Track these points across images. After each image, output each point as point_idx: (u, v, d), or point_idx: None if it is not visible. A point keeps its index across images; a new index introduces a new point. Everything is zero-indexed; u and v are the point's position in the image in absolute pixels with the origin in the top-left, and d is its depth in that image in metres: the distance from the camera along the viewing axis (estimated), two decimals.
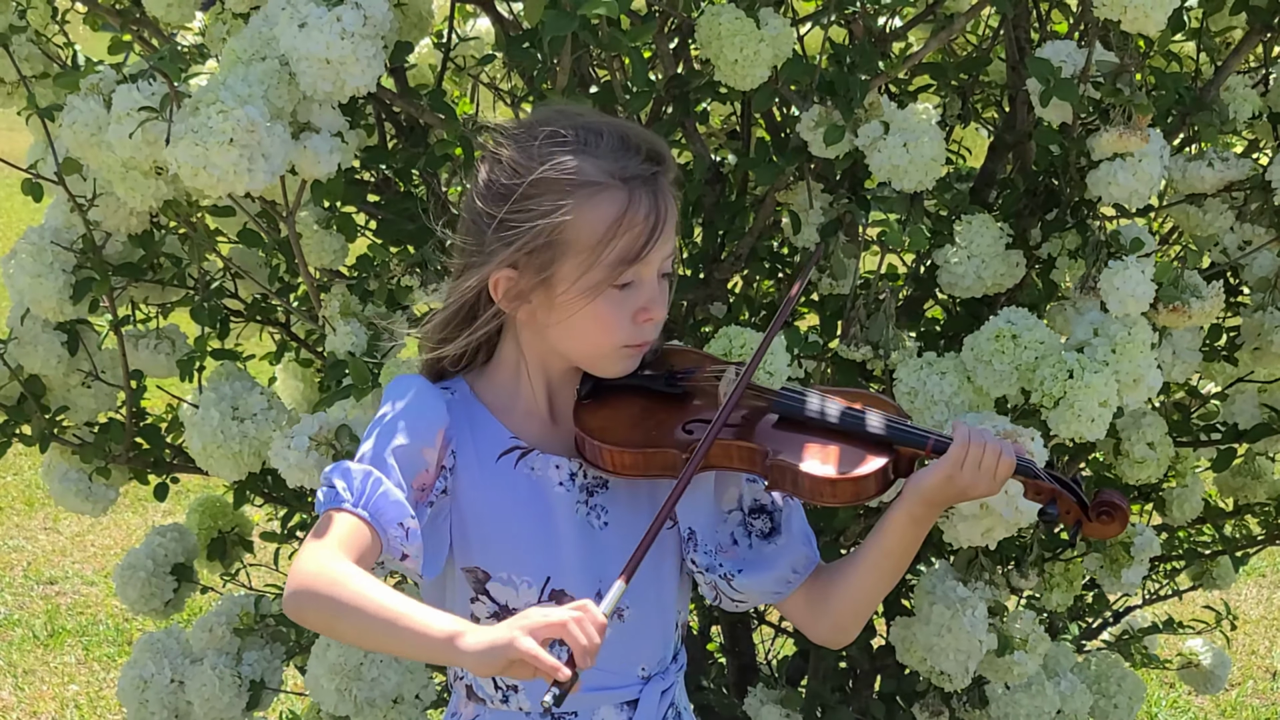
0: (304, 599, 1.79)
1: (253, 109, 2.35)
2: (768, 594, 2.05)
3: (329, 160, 2.48)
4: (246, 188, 2.37)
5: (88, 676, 5.15)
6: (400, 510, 1.87)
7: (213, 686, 2.95)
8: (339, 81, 2.42)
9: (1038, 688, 2.87)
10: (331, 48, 2.38)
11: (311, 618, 1.82)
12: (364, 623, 1.75)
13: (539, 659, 1.66)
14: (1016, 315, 2.58)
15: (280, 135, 2.39)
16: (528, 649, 1.66)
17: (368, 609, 1.75)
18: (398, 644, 1.77)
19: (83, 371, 3.00)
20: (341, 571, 1.79)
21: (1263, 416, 3.10)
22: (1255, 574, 5.94)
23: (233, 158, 2.33)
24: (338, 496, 1.86)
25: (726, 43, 2.55)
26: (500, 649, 1.67)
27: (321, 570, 1.79)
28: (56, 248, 2.83)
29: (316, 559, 1.81)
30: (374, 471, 1.87)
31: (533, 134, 1.93)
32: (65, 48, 3.14)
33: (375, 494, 1.86)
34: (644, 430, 1.96)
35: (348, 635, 1.82)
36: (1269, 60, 3.02)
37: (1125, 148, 2.55)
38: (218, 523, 3.29)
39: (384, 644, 1.81)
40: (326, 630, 1.91)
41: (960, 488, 1.91)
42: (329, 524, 1.84)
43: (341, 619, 1.77)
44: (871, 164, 2.60)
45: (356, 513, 1.84)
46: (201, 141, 2.33)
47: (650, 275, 1.93)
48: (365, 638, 1.80)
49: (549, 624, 1.69)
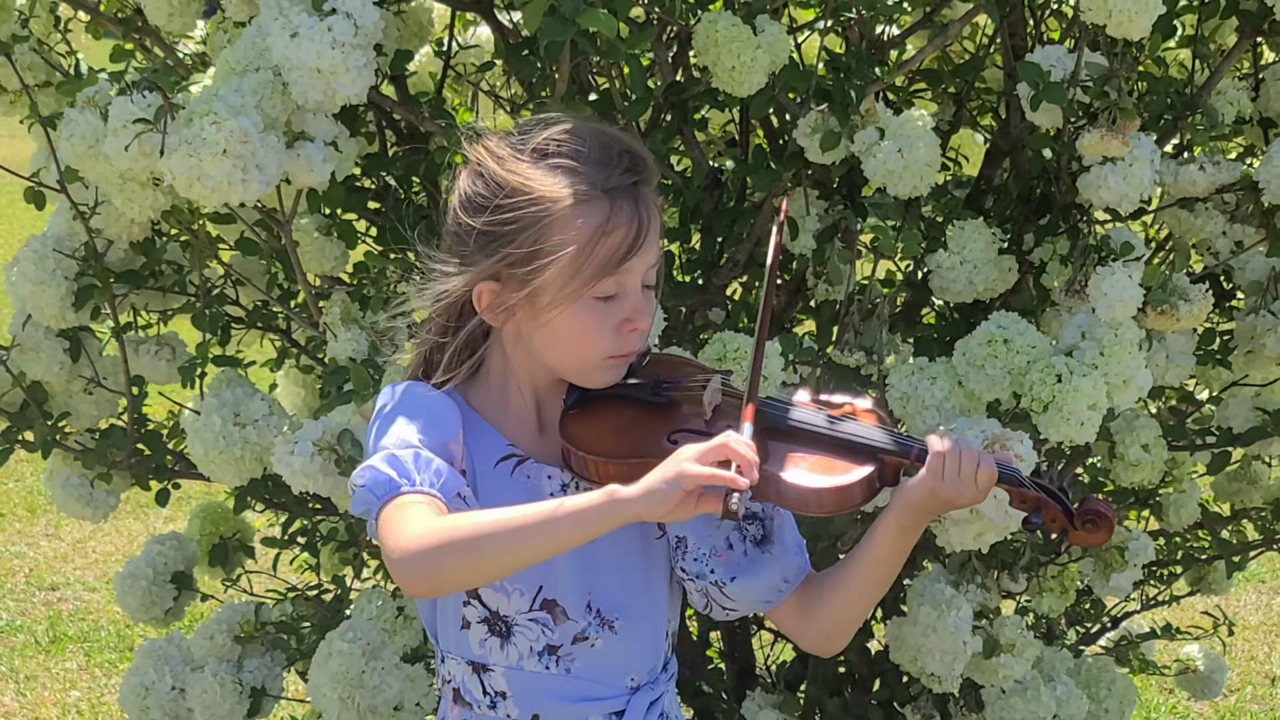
0: (438, 555, 1.74)
1: (245, 119, 2.36)
2: (759, 602, 2.05)
3: (322, 169, 2.49)
4: (241, 198, 2.38)
5: (89, 682, 5.16)
6: (457, 480, 1.85)
7: (214, 693, 2.97)
8: (330, 91, 2.43)
9: (1033, 691, 2.88)
10: (322, 57, 2.39)
11: (451, 569, 1.76)
12: (514, 536, 1.72)
13: (716, 475, 1.70)
14: (1008, 320, 2.59)
15: (274, 145, 2.41)
16: (703, 472, 1.70)
17: (510, 523, 1.73)
18: (560, 535, 1.73)
19: (84, 378, 3.02)
20: (458, 518, 1.76)
21: (1257, 420, 3.11)
22: (1254, 580, 5.95)
23: (226, 168, 2.35)
24: (394, 483, 1.81)
25: (723, 49, 2.56)
26: (672, 480, 1.70)
27: (439, 526, 1.76)
28: (59, 255, 2.84)
29: (422, 525, 1.76)
30: (421, 450, 1.85)
31: (513, 145, 1.93)
32: (68, 56, 3.15)
33: (430, 469, 1.83)
34: (629, 440, 1.96)
35: (499, 560, 1.75)
36: (1257, 64, 3.04)
37: (1107, 151, 2.57)
38: (219, 528, 3.30)
39: (544, 544, 1.74)
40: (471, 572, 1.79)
41: (944, 497, 1.91)
42: (404, 509, 1.80)
43: (486, 547, 1.73)
44: (867, 169, 2.62)
45: (422, 490, 1.81)
46: (195, 153, 2.35)
47: (634, 285, 1.93)
48: (523, 550, 1.74)
49: (709, 448, 1.72)
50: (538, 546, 1.75)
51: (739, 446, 1.73)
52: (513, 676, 1.99)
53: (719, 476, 1.70)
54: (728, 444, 1.73)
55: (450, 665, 2.04)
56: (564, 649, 1.98)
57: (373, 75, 2.47)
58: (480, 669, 2.00)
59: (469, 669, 2.01)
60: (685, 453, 1.73)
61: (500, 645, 1.99)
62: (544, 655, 1.98)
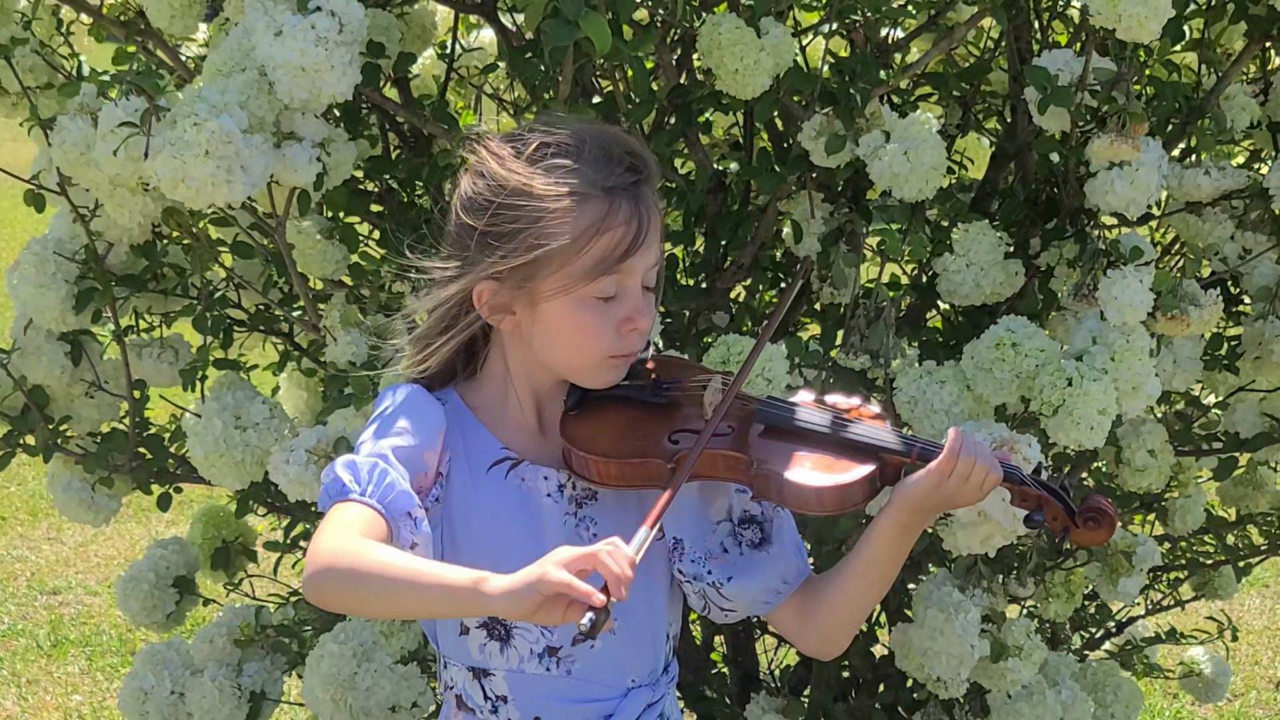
0: (324, 577, 1.77)
1: (227, 119, 2.35)
2: (757, 604, 2.04)
3: (307, 170, 2.48)
4: (226, 199, 2.37)
5: (91, 686, 5.15)
6: (408, 500, 1.86)
7: (213, 698, 2.95)
8: (315, 89, 2.42)
9: (1039, 696, 2.87)
10: (306, 55, 2.38)
11: (334, 594, 1.78)
12: (387, 587, 1.73)
13: (572, 585, 1.64)
14: (1016, 323, 2.58)
15: (259, 146, 2.40)
16: (561, 579, 1.64)
17: (388, 573, 1.72)
18: (424, 601, 1.74)
19: (86, 382, 3.00)
20: (361, 545, 1.77)
21: (1264, 426, 3.10)
22: (1259, 585, 5.93)
23: (209, 169, 2.34)
24: (345, 488, 1.84)
25: (727, 52, 2.55)
26: (531, 584, 1.65)
27: (340, 548, 1.77)
28: (59, 258, 2.83)
29: (333, 540, 1.79)
30: (380, 463, 1.86)
31: (514, 146, 1.94)
32: (70, 59, 3.14)
33: (383, 483, 1.85)
34: (630, 441, 1.95)
35: (373, 603, 1.79)
36: (1266, 69, 3.03)
37: (1117, 156, 2.56)
38: (221, 532, 3.29)
39: (410, 604, 1.77)
40: (351, 604, 1.86)
41: (945, 496, 1.91)
42: (339, 515, 1.83)
43: (364, 587, 1.74)
44: (872, 173, 2.60)
45: (366, 502, 1.83)
46: (178, 154, 2.33)
47: (634, 285, 1.93)
48: (391, 602, 1.76)
49: (579, 556, 1.67)
50: (404, 604, 1.77)
51: (608, 560, 1.66)
52: (514, 680, 1.99)
53: (573, 588, 1.64)
54: (596, 554, 1.67)
55: (452, 672, 2.04)
56: (564, 650, 1.98)
57: (358, 73, 2.46)
58: (481, 674, 2.01)
59: (470, 675, 2.01)
60: (555, 555, 1.68)
61: (500, 649, 1.99)
62: (544, 657, 1.98)
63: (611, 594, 1.65)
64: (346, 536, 1.79)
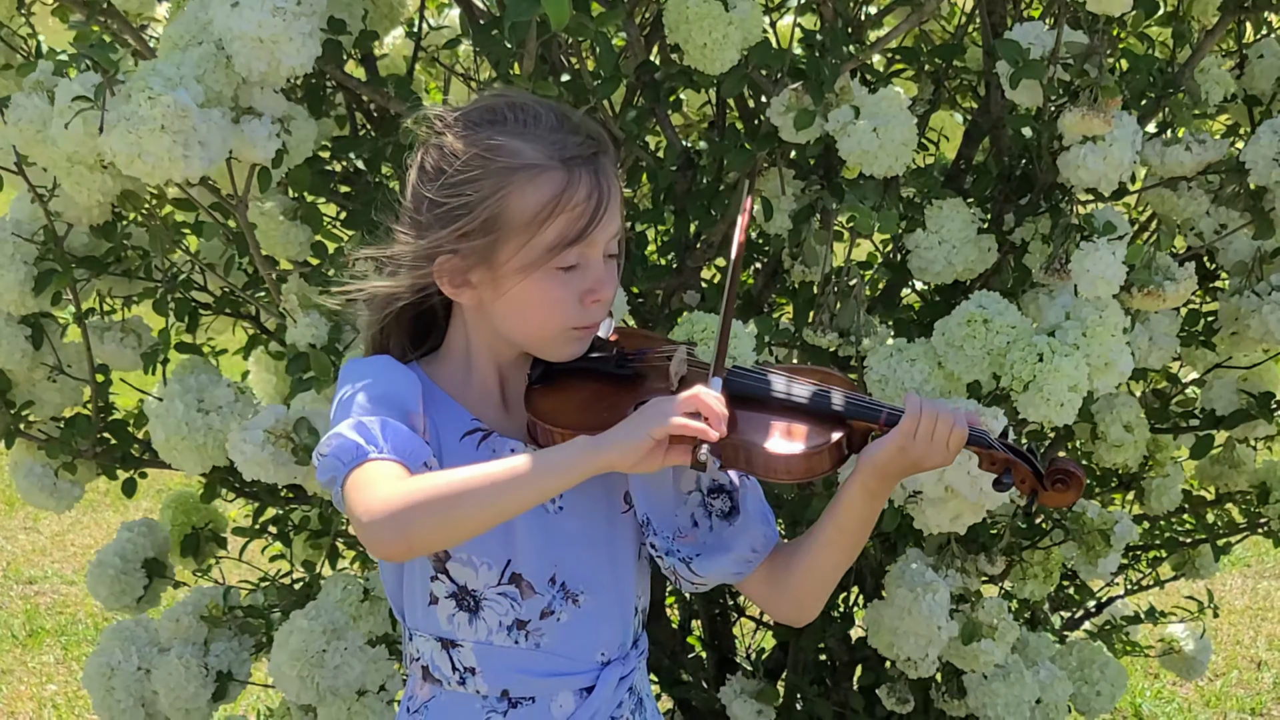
0: (409, 516, 1.74)
1: (183, 93, 2.31)
2: (728, 575, 2.03)
3: (267, 146, 2.44)
4: (184, 175, 2.33)
5: (66, 676, 5.12)
6: (424, 448, 1.84)
7: (179, 676, 2.92)
8: (274, 61, 2.38)
9: (1016, 676, 2.85)
10: (264, 26, 2.34)
11: (424, 526, 1.75)
12: (489, 490, 1.73)
13: (687, 425, 1.72)
14: (988, 299, 2.56)
15: (217, 121, 2.36)
16: (673, 420, 1.72)
17: (485, 478, 1.74)
18: (534, 486, 1.75)
19: (48, 366, 2.96)
20: (422, 478, 1.77)
21: (1241, 402, 3.08)
22: (1240, 564, 5.93)
23: (165, 144, 2.30)
24: (361, 449, 1.80)
25: (694, 26, 2.52)
26: (643, 431, 1.73)
27: (407, 488, 1.75)
28: (18, 239, 2.79)
29: (391, 488, 1.76)
30: (388, 418, 1.83)
31: (471, 118, 1.91)
32: (29, 38, 3.10)
33: (399, 437, 1.82)
34: (596, 413, 1.93)
35: (475, 516, 1.75)
36: (1241, 42, 3.00)
37: (1089, 130, 2.53)
38: (191, 519, 3.26)
39: (518, 496, 1.75)
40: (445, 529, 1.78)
41: (913, 459, 1.89)
42: (372, 472, 1.78)
43: (461, 504, 1.73)
44: (841, 149, 2.57)
45: (388, 458, 1.80)
46: (133, 129, 2.29)
47: (596, 256, 1.90)
48: (497, 503, 1.74)
49: (682, 399, 1.75)
50: (512, 499, 1.76)
51: (709, 399, 1.75)
52: (482, 652, 1.97)
53: (689, 427, 1.73)
54: (698, 396, 1.75)
55: (418, 643, 2.01)
56: (532, 624, 1.97)
57: (318, 45, 2.42)
58: (449, 645, 1.98)
59: (437, 645, 1.99)
60: (659, 404, 1.75)
61: (469, 620, 1.97)
62: (513, 630, 1.96)
63: (715, 430, 1.74)
64: (399, 482, 1.77)
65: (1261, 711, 4.88)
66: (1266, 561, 5.99)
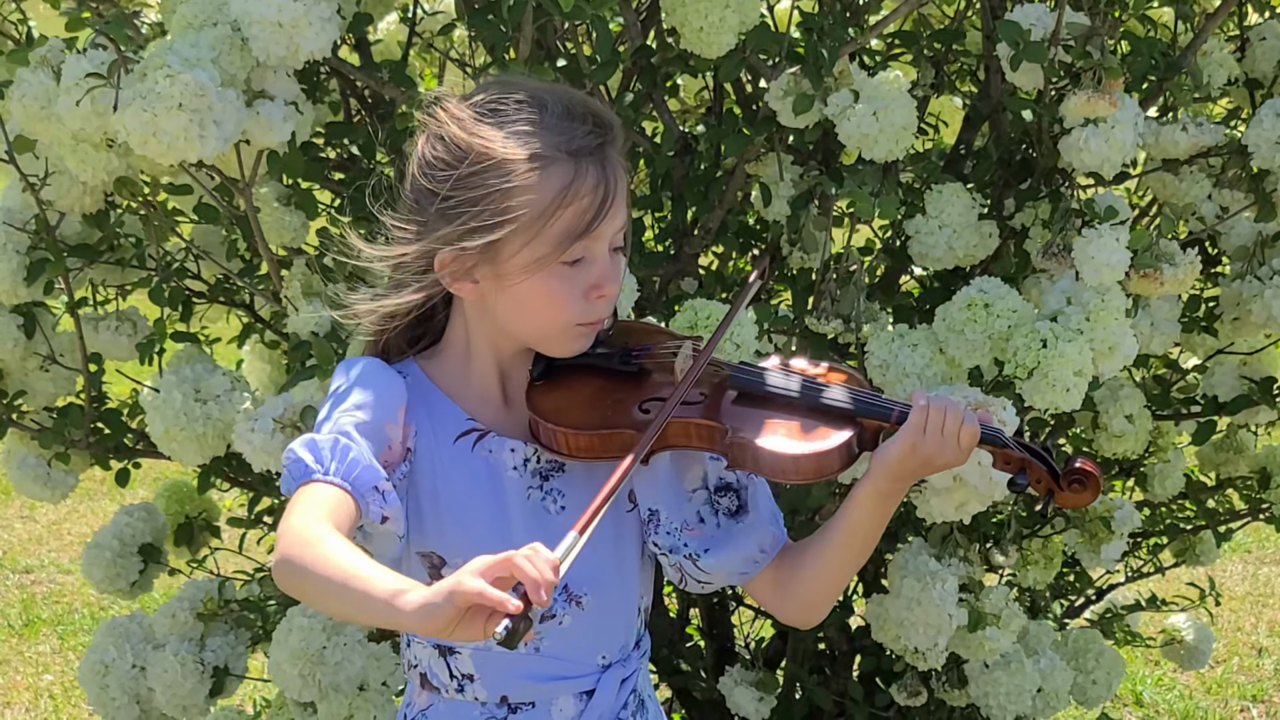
0: (281, 566, 1.71)
1: (201, 72, 2.28)
2: (734, 574, 1.99)
3: (281, 128, 2.42)
4: (199, 154, 2.30)
5: (62, 666, 5.10)
6: (374, 474, 1.80)
7: (174, 673, 2.90)
8: (293, 45, 2.36)
9: (1017, 665, 2.83)
10: (284, 10, 2.32)
11: (289, 584, 1.72)
12: (323, 585, 1.66)
13: (484, 594, 1.54)
14: (989, 284, 2.53)
15: (232, 101, 2.33)
16: (474, 588, 1.54)
17: (327, 571, 1.66)
18: (350, 607, 1.65)
19: (40, 355, 2.94)
20: (315, 534, 1.70)
21: (1243, 388, 3.06)
22: (1240, 550, 5.92)
23: (182, 123, 2.27)
24: (308, 469, 1.78)
25: (691, 9, 2.50)
26: (444, 597, 1.55)
27: (297, 537, 1.71)
28: (9, 228, 2.77)
29: (295, 527, 1.72)
30: (341, 439, 1.80)
31: (474, 108, 1.86)
32: (19, 24, 3.07)
33: (346, 459, 1.79)
34: (599, 411, 1.90)
35: (315, 600, 1.72)
36: (1243, 25, 2.98)
37: (1094, 112, 2.51)
38: (185, 508, 3.24)
39: (340, 608, 1.69)
40: (301, 597, 1.77)
41: (924, 457, 1.85)
42: (305, 497, 1.77)
43: (307, 582, 1.69)
44: (840, 133, 2.55)
45: (331, 481, 1.77)
46: (149, 107, 2.26)
47: (602, 250, 1.86)
48: (327, 602, 1.69)
49: (495, 562, 1.57)
50: (338, 608, 1.70)
51: (525, 564, 1.56)
52: (480, 658, 1.94)
53: (486, 596, 1.54)
54: (511, 559, 1.57)
55: (416, 649, 1.99)
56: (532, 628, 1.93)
57: (337, 30, 2.39)
58: (447, 652, 1.96)
59: (435, 653, 1.97)
60: (471, 565, 1.58)
61: None
62: None
63: (531, 600, 1.55)
64: (308, 524, 1.73)
65: (1263, 698, 4.87)
66: (1267, 547, 5.98)
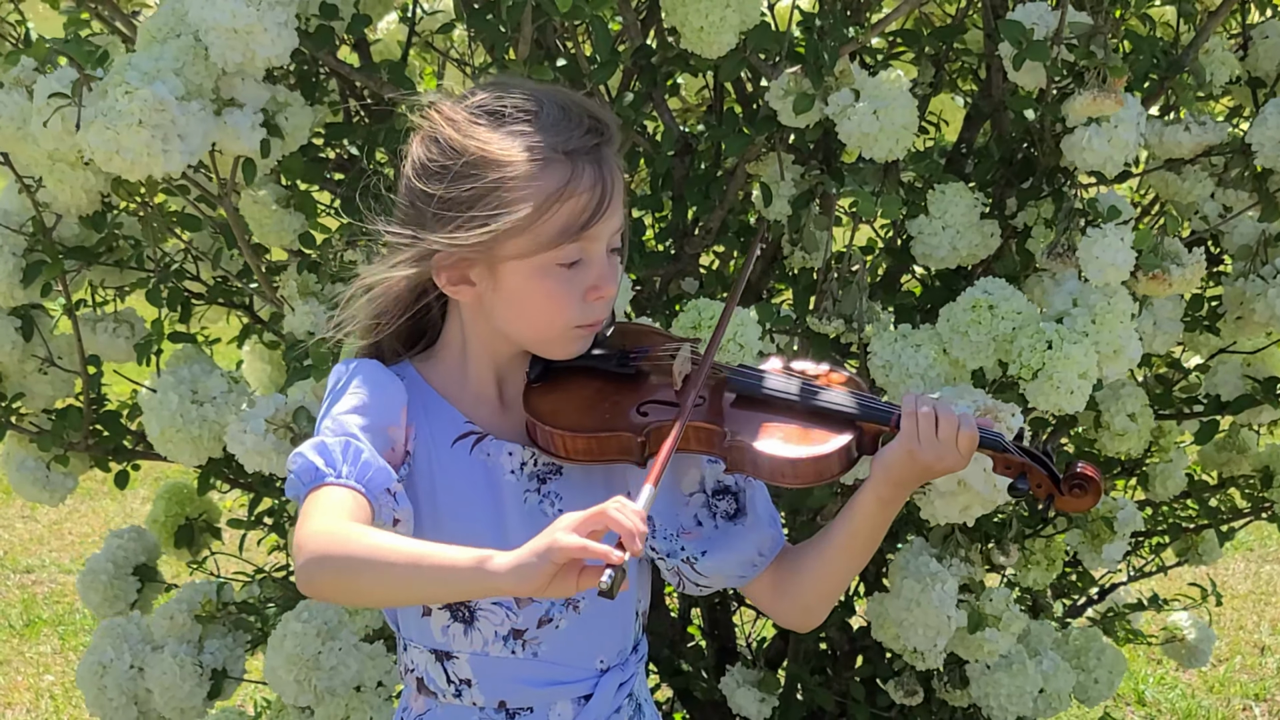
0: (316, 567, 1.69)
1: (160, 86, 2.28)
2: (732, 577, 1.98)
3: (251, 136, 2.41)
4: (164, 170, 2.30)
5: (63, 666, 5.09)
6: (386, 476, 1.80)
7: (173, 675, 2.89)
8: (249, 52, 2.35)
9: (1019, 667, 2.82)
10: (237, 16, 2.31)
11: (329, 584, 1.71)
12: (386, 573, 1.66)
13: (587, 548, 1.56)
14: (993, 285, 2.52)
15: (196, 113, 2.32)
16: (574, 543, 1.56)
17: (387, 557, 1.65)
18: (425, 586, 1.67)
19: (39, 357, 2.94)
20: (351, 530, 1.70)
21: (1246, 388, 3.05)
22: (1242, 549, 5.90)
23: (144, 139, 2.26)
24: (319, 473, 1.77)
25: (691, 9, 2.49)
26: (542, 554, 1.57)
27: (330, 534, 1.70)
28: (6, 230, 2.76)
29: (320, 529, 1.72)
30: (351, 441, 1.80)
31: (468, 110, 1.86)
32: (18, 25, 3.06)
33: (359, 461, 1.78)
34: (597, 414, 1.89)
35: (370, 591, 1.72)
36: (1245, 23, 2.97)
37: (1099, 111, 2.50)
38: (185, 510, 3.23)
39: (410, 590, 1.70)
40: (347, 593, 1.77)
41: (924, 463, 1.84)
42: (320, 500, 1.76)
43: (361, 575, 1.67)
44: (841, 132, 2.54)
45: (345, 484, 1.76)
46: (111, 125, 2.26)
47: (599, 251, 1.85)
48: (390, 589, 1.69)
49: (588, 516, 1.59)
50: (407, 591, 1.71)
51: (619, 515, 1.59)
52: (478, 663, 1.94)
53: (589, 549, 1.56)
54: (605, 513, 1.59)
55: (413, 654, 1.98)
56: (529, 633, 1.93)
57: (294, 35, 2.38)
58: (444, 657, 1.95)
59: (432, 657, 1.95)
60: (561, 522, 1.60)
61: (464, 631, 1.93)
62: (509, 640, 1.92)
63: (627, 549, 1.58)
64: (333, 523, 1.72)
65: (1265, 697, 4.86)
66: (1269, 546, 5.96)
